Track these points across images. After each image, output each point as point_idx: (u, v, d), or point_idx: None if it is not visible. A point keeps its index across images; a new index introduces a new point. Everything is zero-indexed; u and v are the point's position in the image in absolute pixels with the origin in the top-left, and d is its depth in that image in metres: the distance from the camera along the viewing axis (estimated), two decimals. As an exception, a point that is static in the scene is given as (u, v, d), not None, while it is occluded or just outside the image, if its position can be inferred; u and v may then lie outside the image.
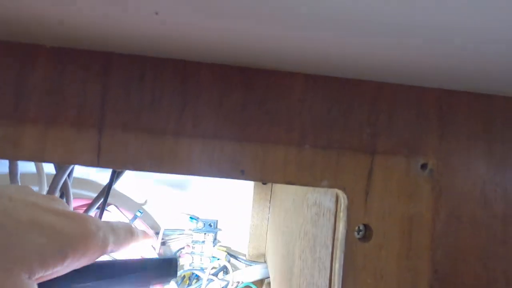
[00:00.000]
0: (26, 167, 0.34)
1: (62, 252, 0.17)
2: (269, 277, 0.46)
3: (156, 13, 0.14)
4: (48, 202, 0.19)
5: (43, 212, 0.18)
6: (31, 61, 0.20)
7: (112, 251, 0.21)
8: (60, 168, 0.29)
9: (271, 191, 0.51)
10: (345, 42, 0.17)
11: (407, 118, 0.22)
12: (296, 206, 0.34)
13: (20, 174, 0.28)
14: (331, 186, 0.21)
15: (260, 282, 0.48)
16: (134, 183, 0.51)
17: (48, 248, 0.17)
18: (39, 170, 0.31)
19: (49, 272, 0.17)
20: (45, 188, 0.31)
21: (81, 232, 0.18)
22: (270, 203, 0.51)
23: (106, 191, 0.30)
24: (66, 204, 0.21)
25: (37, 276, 0.17)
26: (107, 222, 0.21)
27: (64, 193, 0.29)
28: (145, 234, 0.24)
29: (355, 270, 0.21)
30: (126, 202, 0.50)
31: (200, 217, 0.51)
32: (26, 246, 0.16)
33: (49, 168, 0.32)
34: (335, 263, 0.22)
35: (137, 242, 0.23)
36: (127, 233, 0.22)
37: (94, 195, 0.33)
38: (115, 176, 0.30)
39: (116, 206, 0.49)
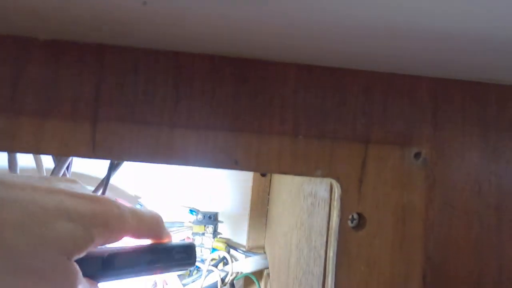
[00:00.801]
0: (25, 161, 0.34)
1: (88, 233, 0.18)
2: (268, 268, 0.47)
3: (144, 3, 0.14)
4: (69, 187, 0.20)
5: (66, 197, 0.19)
6: (25, 54, 0.20)
7: (135, 235, 0.21)
8: (59, 161, 0.29)
9: (270, 183, 0.51)
10: (339, 32, 0.17)
11: (401, 107, 0.22)
12: (293, 197, 0.35)
13: (20, 168, 0.28)
14: (325, 175, 0.21)
15: (259, 272, 0.48)
16: (132, 176, 0.51)
17: (76, 231, 0.18)
18: (38, 163, 0.32)
19: (83, 253, 0.18)
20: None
21: (103, 213, 0.19)
22: (269, 194, 0.51)
23: (105, 182, 0.31)
24: (85, 187, 0.22)
25: (74, 257, 0.18)
26: (129, 207, 0.21)
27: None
28: (169, 235, 0.24)
29: (348, 258, 0.21)
30: (124, 196, 0.51)
31: (200, 210, 0.52)
32: (57, 231, 0.17)
33: (47, 163, 0.33)
34: (329, 252, 0.22)
35: (163, 237, 0.23)
36: (153, 223, 0.22)
37: (92, 188, 0.33)
38: (113, 168, 0.30)
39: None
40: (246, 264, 0.46)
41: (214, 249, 0.51)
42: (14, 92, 0.20)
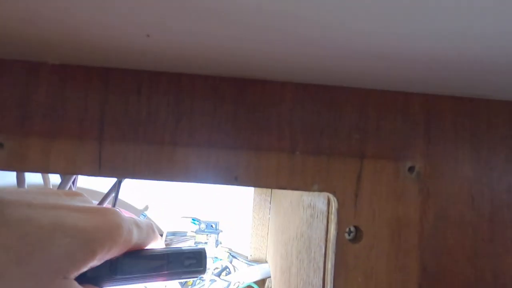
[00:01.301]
0: (32, 177, 0.35)
1: (88, 248, 0.17)
2: (270, 277, 0.47)
3: (148, 36, 0.15)
4: (70, 201, 0.19)
5: (65, 212, 0.18)
6: (34, 78, 0.21)
7: (136, 245, 0.21)
8: (65, 177, 0.30)
9: (271, 193, 0.52)
10: (334, 53, 0.18)
11: (394, 123, 0.23)
12: (293, 208, 0.35)
13: (27, 184, 0.29)
14: (321, 190, 0.22)
15: (261, 281, 0.49)
16: (135, 187, 0.52)
17: (74, 247, 0.17)
18: (45, 180, 0.32)
19: (84, 269, 0.18)
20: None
21: (106, 225, 0.19)
22: (270, 204, 0.52)
23: (115, 196, 0.32)
24: (89, 199, 0.21)
25: (72, 274, 0.17)
26: (130, 217, 0.21)
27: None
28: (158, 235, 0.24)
29: (346, 270, 0.22)
30: (127, 208, 0.52)
31: (202, 219, 0.53)
32: (52, 249, 0.17)
33: (54, 179, 0.34)
34: (327, 263, 0.22)
35: (156, 241, 0.23)
36: (149, 229, 0.22)
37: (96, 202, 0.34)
38: (120, 183, 0.31)
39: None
40: (248, 274, 0.47)
41: (216, 259, 0.51)
42: (24, 114, 0.21)
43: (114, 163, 0.21)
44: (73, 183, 0.31)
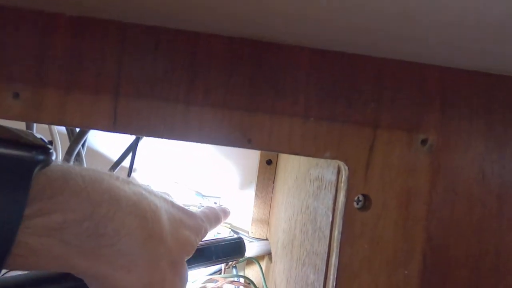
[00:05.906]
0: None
1: (196, 240, 0.24)
2: (270, 253, 0.48)
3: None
4: (173, 200, 0.25)
5: (179, 212, 0.24)
6: (51, 29, 0.21)
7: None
8: (75, 138, 0.30)
9: (275, 171, 0.52)
10: (352, 16, 0.17)
11: (410, 94, 0.23)
12: (298, 183, 0.36)
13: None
14: (333, 157, 0.22)
15: (261, 258, 0.49)
16: (145, 159, 0.52)
17: (192, 239, 0.23)
18: (54, 140, 0.32)
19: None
20: (60, 156, 0.33)
21: (197, 226, 0.25)
22: (273, 182, 0.52)
23: (132, 151, 0.32)
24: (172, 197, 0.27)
25: (186, 259, 0.23)
26: (205, 215, 0.27)
27: (79, 161, 0.31)
28: (226, 214, 0.31)
29: (353, 237, 0.22)
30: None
31: (204, 194, 0.53)
32: (185, 237, 0.23)
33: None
34: (334, 231, 0.23)
35: (224, 220, 0.30)
36: (215, 221, 0.28)
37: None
38: (134, 149, 0.31)
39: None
40: (249, 249, 0.47)
41: (218, 234, 0.52)
42: (40, 64, 0.21)
43: (129, 119, 0.21)
44: (82, 146, 0.31)
